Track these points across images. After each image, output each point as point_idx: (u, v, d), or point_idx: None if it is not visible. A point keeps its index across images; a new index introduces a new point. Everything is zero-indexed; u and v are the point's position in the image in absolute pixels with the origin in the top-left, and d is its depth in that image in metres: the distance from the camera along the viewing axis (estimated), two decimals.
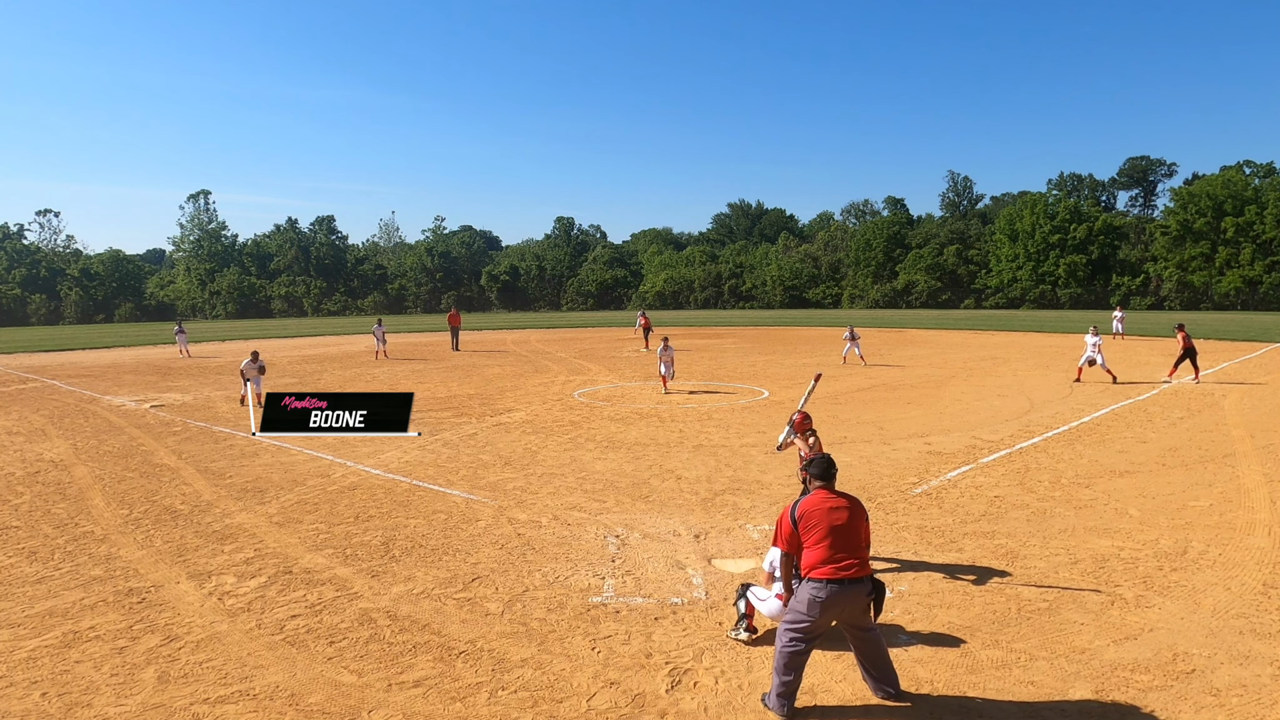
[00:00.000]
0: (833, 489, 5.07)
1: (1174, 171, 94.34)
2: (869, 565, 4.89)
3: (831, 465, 5.14)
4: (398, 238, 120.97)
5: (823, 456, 5.22)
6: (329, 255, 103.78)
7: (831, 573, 4.70)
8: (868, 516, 5.08)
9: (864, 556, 4.87)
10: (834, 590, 4.68)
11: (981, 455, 11.84)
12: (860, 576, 4.75)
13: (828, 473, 5.12)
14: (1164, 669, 5.22)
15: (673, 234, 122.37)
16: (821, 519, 4.85)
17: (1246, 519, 8.48)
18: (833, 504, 4.93)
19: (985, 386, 19.86)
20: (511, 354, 32.66)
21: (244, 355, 20.74)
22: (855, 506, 4.99)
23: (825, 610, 4.69)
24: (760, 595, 5.66)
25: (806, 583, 4.77)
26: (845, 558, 4.75)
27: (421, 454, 12.58)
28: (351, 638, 5.94)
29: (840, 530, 4.82)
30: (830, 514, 4.87)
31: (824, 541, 4.78)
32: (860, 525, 4.93)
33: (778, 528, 5.12)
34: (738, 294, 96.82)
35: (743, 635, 5.80)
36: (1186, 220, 71.96)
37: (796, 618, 4.76)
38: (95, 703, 5.03)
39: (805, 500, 5.02)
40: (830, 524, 4.83)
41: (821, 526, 4.82)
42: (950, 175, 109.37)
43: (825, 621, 4.75)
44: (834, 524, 4.83)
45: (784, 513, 5.07)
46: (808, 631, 4.73)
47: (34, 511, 9.60)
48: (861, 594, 4.75)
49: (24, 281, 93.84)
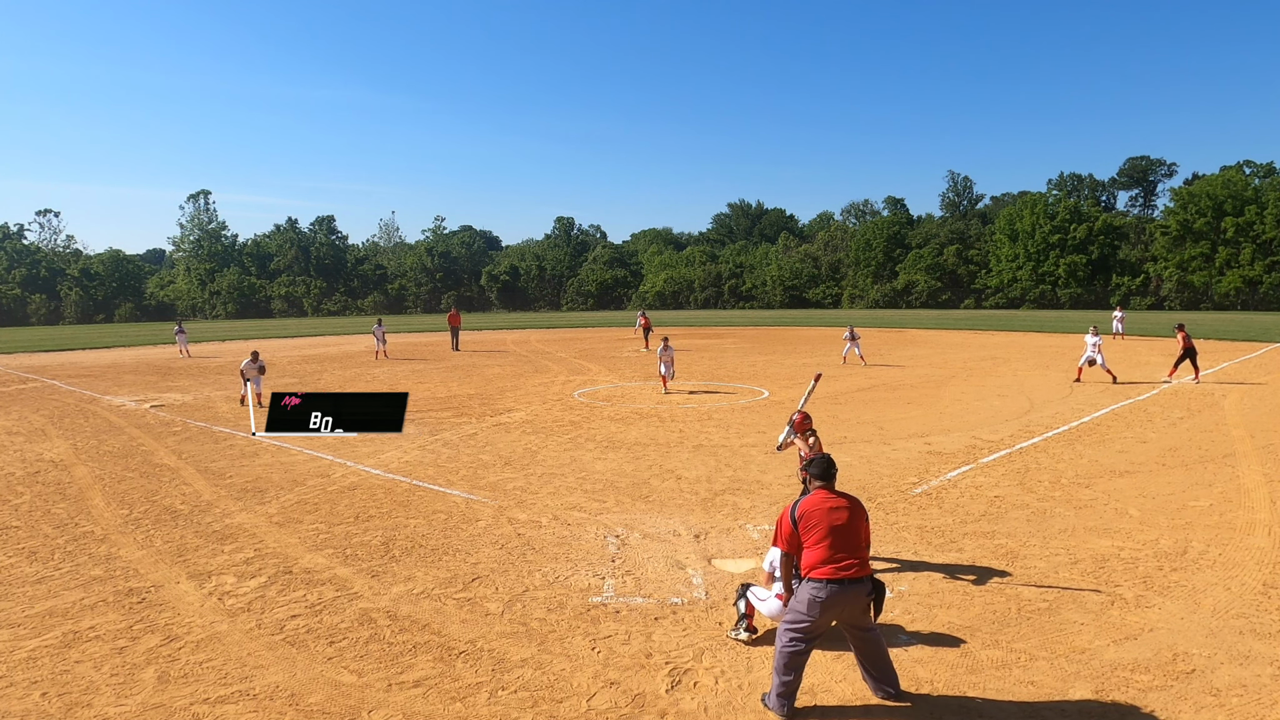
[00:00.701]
0: (833, 489, 5.08)
1: (1174, 171, 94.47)
2: (869, 565, 4.89)
3: (831, 465, 5.15)
4: (398, 238, 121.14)
5: (823, 456, 5.22)
6: (329, 255, 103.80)
7: (832, 573, 4.71)
8: (868, 516, 5.09)
9: (864, 556, 4.88)
10: (834, 590, 4.69)
11: (981, 455, 11.84)
12: (860, 576, 4.75)
13: (828, 473, 5.13)
14: (1164, 669, 5.22)
15: (673, 234, 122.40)
16: (821, 519, 4.86)
17: (1246, 519, 8.48)
18: (833, 504, 4.94)
19: (985, 386, 19.86)
20: (511, 354, 32.66)
21: (244, 355, 20.75)
22: (855, 506, 5.00)
23: (825, 610, 4.70)
24: (760, 595, 5.66)
25: (807, 582, 4.78)
26: (845, 558, 4.76)
27: (421, 454, 12.58)
28: (351, 638, 5.94)
29: (840, 530, 4.82)
30: (830, 514, 4.88)
31: (824, 541, 4.79)
32: (860, 525, 4.94)
33: (778, 528, 5.14)
34: (738, 294, 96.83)
35: (743, 635, 5.80)
36: (1186, 220, 71.97)
37: (796, 618, 4.77)
38: (95, 703, 5.03)
39: (805, 500, 5.03)
40: (830, 524, 4.84)
41: (821, 526, 4.83)
42: (950, 175, 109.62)
43: (825, 621, 4.76)
44: (834, 524, 4.84)
45: (784, 513, 5.08)
46: (808, 631, 4.74)
47: (34, 511, 9.60)
48: (861, 594, 4.75)
49: (24, 281, 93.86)
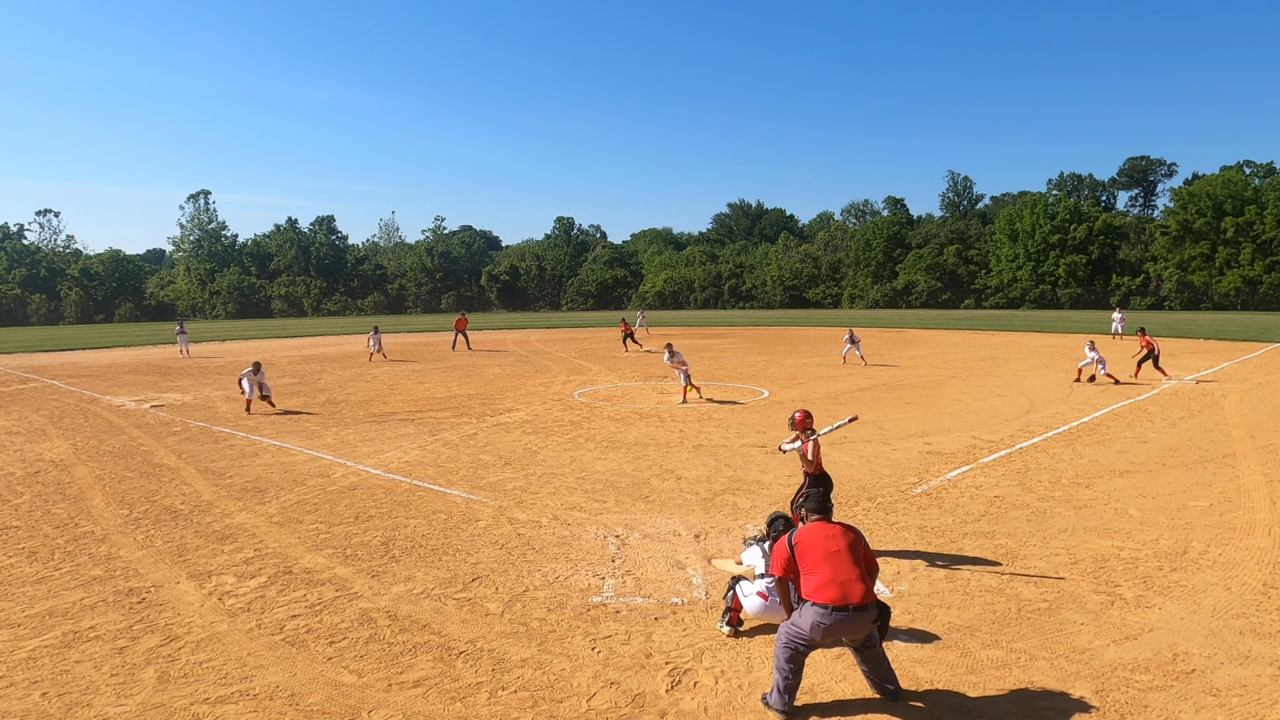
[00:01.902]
0: (829, 520, 5.18)
1: (1174, 171, 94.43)
2: (874, 593, 4.88)
3: (826, 500, 5.25)
4: (398, 238, 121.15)
5: (816, 492, 5.41)
6: (329, 255, 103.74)
7: (838, 599, 4.70)
8: (867, 544, 5.10)
9: (869, 584, 4.87)
10: (840, 617, 4.69)
11: (981, 455, 11.84)
12: (866, 604, 4.76)
13: (823, 507, 5.28)
14: (1164, 669, 5.22)
15: (673, 234, 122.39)
16: (819, 545, 4.93)
17: (1246, 519, 8.48)
18: (829, 533, 5.01)
19: (985, 386, 19.86)
20: (511, 354, 32.65)
21: (244, 356, 20.77)
22: (851, 533, 5.04)
23: (828, 634, 4.73)
24: (745, 591, 5.77)
25: (811, 606, 4.76)
26: (851, 583, 4.77)
27: (421, 454, 12.58)
28: (351, 638, 5.94)
29: (838, 556, 4.87)
30: (828, 541, 4.95)
31: (823, 566, 4.83)
32: (860, 551, 4.97)
33: (774, 555, 5.19)
34: (738, 294, 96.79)
35: (725, 628, 5.90)
36: (1186, 220, 71.93)
37: (798, 633, 4.78)
38: (95, 703, 5.03)
39: (802, 530, 5.10)
40: (828, 550, 4.89)
41: (818, 552, 4.89)
42: (950, 175, 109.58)
43: (827, 642, 4.82)
44: (831, 550, 4.89)
45: (781, 540, 5.15)
46: (809, 646, 4.81)
47: (34, 511, 9.60)
48: (866, 620, 4.76)
49: (24, 281, 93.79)
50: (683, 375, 18.28)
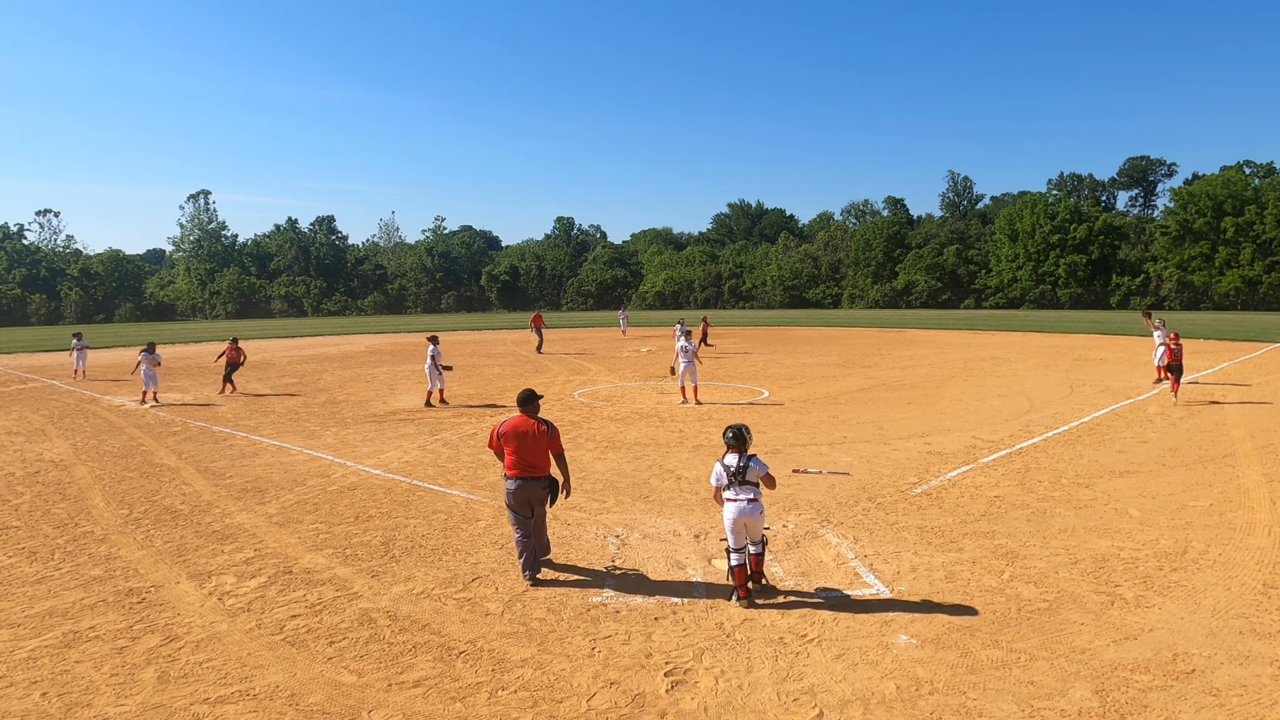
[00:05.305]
0: (532, 415, 7.20)
1: (1174, 171, 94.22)
2: (547, 471, 7.12)
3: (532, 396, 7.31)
4: (398, 238, 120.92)
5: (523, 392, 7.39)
6: (329, 255, 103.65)
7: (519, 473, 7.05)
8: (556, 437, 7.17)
9: (545, 463, 7.09)
10: (519, 484, 7.01)
11: (981, 455, 11.84)
12: (539, 476, 7.08)
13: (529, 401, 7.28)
14: (1164, 669, 5.22)
15: (673, 234, 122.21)
16: (512, 435, 7.08)
17: (1246, 519, 8.48)
18: (525, 426, 7.11)
19: (985, 386, 19.86)
20: (511, 354, 32.65)
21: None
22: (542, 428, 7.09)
23: (514, 496, 7.01)
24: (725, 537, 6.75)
25: (506, 479, 7.13)
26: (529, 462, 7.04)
27: (421, 454, 12.58)
28: (351, 638, 5.94)
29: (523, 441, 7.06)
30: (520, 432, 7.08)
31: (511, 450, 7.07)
32: (542, 442, 7.06)
33: (490, 437, 7.32)
34: (738, 294, 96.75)
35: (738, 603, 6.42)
36: (1186, 220, 71.86)
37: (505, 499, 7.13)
38: (95, 703, 5.03)
39: (508, 421, 7.22)
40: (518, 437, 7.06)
41: (511, 440, 7.07)
42: (950, 175, 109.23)
43: (518, 503, 7.00)
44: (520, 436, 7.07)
45: (494, 428, 7.28)
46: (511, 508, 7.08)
47: (34, 511, 9.60)
48: (539, 488, 7.06)
49: (24, 281, 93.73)
50: (684, 366, 17.66)
